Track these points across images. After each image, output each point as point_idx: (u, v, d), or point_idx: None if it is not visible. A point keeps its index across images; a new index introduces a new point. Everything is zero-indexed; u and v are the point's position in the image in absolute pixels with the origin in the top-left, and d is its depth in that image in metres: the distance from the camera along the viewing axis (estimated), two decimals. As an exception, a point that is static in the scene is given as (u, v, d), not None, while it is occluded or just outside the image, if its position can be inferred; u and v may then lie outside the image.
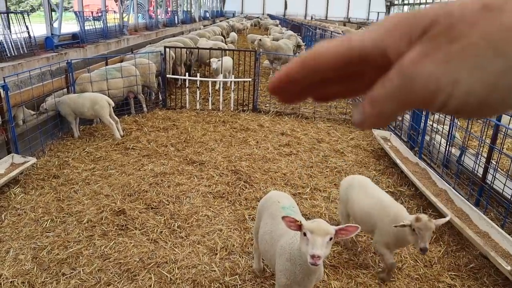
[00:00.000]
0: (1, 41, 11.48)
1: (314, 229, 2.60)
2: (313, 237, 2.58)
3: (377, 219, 3.85)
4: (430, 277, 4.05)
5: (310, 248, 2.58)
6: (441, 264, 4.23)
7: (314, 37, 20.80)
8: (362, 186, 4.21)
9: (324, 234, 2.59)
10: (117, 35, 19.33)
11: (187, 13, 34.62)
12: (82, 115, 7.19)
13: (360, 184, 4.26)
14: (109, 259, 4.10)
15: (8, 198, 5.22)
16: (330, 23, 36.47)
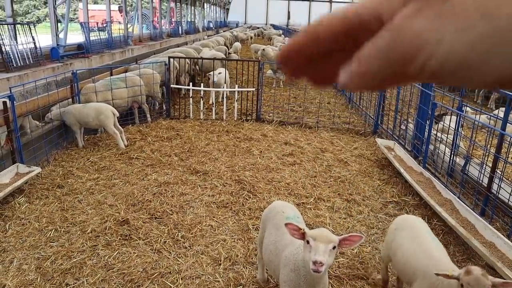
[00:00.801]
0: (7, 52, 11.58)
1: (317, 236, 2.59)
2: (316, 243, 2.58)
3: (419, 269, 3.20)
4: None
5: (312, 255, 2.57)
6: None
7: (317, 47, 20.88)
8: (411, 229, 3.56)
9: (327, 241, 2.58)
10: (122, 46, 19.47)
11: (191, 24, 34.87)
12: (87, 125, 7.23)
13: (410, 226, 3.61)
14: (113, 269, 4.09)
15: (12, 207, 5.23)
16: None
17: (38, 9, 62.37)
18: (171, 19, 30.99)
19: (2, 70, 11.26)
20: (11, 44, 11.83)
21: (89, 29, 16.68)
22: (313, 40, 0.39)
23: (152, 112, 9.45)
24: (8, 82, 10.36)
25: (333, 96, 12.30)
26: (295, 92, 11.93)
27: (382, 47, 0.35)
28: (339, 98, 12.00)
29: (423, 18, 0.33)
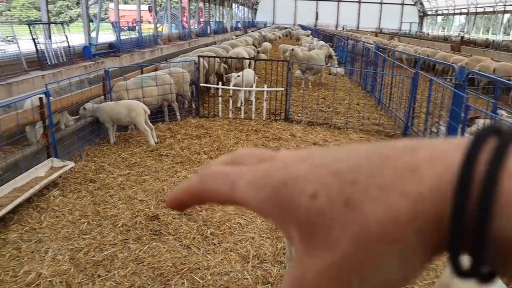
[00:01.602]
0: (42, 50, 11.94)
1: None
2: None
3: None
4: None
5: None
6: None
7: (346, 47, 20.71)
8: None
9: None
10: (151, 45, 19.79)
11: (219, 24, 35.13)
12: (119, 122, 7.37)
13: None
14: (143, 263, 4.15)
15: (47, 200, 5.38)
16: (361, 34, 36.23)
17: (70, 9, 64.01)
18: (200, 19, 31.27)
19: (37, 68, 11.62)
20: (46, 43, 12.19)
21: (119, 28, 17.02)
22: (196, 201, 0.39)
23: (182, 110, 9.55)
24: (42, 80, 10.69)
25: (362, 97, 12.17)
26: (324, 93, 11.86)
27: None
28: (369, 99, 11.86)
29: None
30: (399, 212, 0.28)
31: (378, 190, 0.28)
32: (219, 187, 0.36)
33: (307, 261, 0.30)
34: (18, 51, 10.84)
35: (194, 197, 0.38)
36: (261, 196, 0.33)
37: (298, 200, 0.31)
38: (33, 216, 4.99)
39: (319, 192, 0.30)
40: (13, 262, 4.14)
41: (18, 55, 10.81)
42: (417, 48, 23.02)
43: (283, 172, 0.33)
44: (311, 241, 0.30)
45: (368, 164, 0.30)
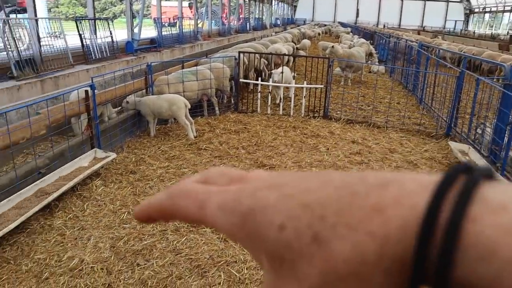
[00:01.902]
0: (88, 45, 12.32)
1: None
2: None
3: None
4: None
5: None
6: None
7: (387, 45, 20.27)
8: None
9: None
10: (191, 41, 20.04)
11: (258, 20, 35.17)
12: (160, 116, 7.51)
13: None
14: (181, 254, 4.21)
15: (90, 189, 5.55)
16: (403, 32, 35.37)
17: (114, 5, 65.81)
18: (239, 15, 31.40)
19: (83, 62, 11.99)
20: (91, 38, 12.55)
21: (161, 24, 17.32)
22: (166, 217, 0.39)
23: (221, 105, 9.62)
24: (87, 73, 11.02)
25: (403, 96, 11.87)
26: (364, 91, 11.65)
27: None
28: (410, 98, 11.56)
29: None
30: (366, 252, 0.27)
31: (346, 228, 0.28)
32: (188, 206, 0.36)
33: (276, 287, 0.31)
34: (65, 45, 11.23)
35: (162, 214, 0.38)
36: (230, 221, 0.33)
37: (266, 231, 0.31)
38: (76, 204, 5.16)
39: (287, 225, 0.30)
40: (58, 248, 4.30)
41: (65, 49, 11.19)
42: (462, 46, 22.23)
43: (252, 199, 0.33)
44: (280, 271, 0.30)
45: (337, 199, 0.30)
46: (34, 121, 5.26)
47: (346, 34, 30.39)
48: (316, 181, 0.32)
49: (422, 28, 56.19)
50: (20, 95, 8.74)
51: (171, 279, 3.85)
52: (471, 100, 8.09)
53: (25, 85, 9.04)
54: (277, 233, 0.30)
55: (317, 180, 0.32)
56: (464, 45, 24.20)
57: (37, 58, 10.03)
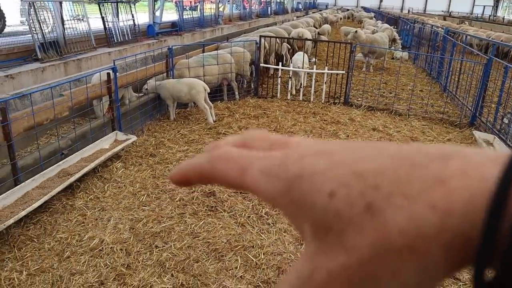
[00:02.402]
0: (110, 28, 12.40)
1: None
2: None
3: None
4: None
5: None
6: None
7: (411, 31, 19.82)
8: None
9: None
10: (212, 25, 19.96)
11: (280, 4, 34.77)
12: (180, 99, 7.53)
13: None
14: (198, 238, 4.25)
15: (110, 171, 5.63)
16: (428, 17, 34.51)
17: (137, -12, 65.81)
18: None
19: (105, 45, 12.09)
20: (113, 21, 12.62)
21: (182, 8, 17.28)
22: (203, 181, 0.37)
23: (240, 90, 9.60)
24: (109, 56, 11.12)
25: (426, 84, 11.63)
26: (386, 78, 11.45)
27: None
28: (433, 86, 11.31)
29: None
30: (425, 224, 0.26)
31: (403, 199, 0.27)
32: (228, 170, 0.35)
33: (319, 259, 0.29)
34: (88, 28, 11.32)
35: (201, 177, 0.37)
36: (273, 187, 0.32)
37: (314, 198, 0.29)
38: (97, 186, 5.25)
39: (337, 193, 0.28)
40: (79, 227, 4.39)
41: (88, 32, 11.28)
42: (490, 33, 21.58)
43: (299, 165, 0.31)
44: (326, 240, 0.29)
45: (393, 169, 0.28)
46: (57, 103, 5.33)
47: (369, 19, 29.81)
48: (369, 150, 0.30)
49: (449, 14, 54.69)
50: (44, 77, 8.89)
51: (189, 262, 3.89)
52: (498, 88, 7.87)
53: (49, 67, 9.18)
54: (326, 200, 0.28)
55: (370, 149, 0.31)
56: (492, 31, 23.48)
57: (60, 41, 10.15)
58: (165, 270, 3.80)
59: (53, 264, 3.84)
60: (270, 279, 3.70)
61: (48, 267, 3.79)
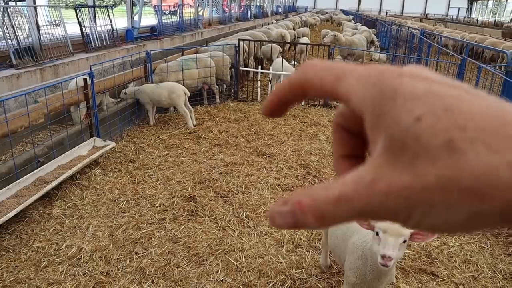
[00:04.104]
0: (87, 33, 12.24)
1: (387, 229, 2.47)
2: (385, 236, 2.46)
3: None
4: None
5: (381, 248, 2.46)
6: (524, 277, 3.91)
7: (389, 33, 20.10)
8: None
9: (397, 234, 2.46)
10: (192, 29, 19.89)
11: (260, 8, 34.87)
12: (159, 104, 7.48)
13: None
14: (179, 243, 4.22)
15: (89, 178, 5.55)
16: (406, 19, 35.06)
17: (115, -7, 65.25)
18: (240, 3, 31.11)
19: (82, 50, 11.92)
20: (90, 26, 12.46)
21: (161, 12, 17.17)
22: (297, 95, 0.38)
23: (221, 94, 9.59)
24: (87, 62, 10.96)
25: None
26: (364, 79, 11.57)
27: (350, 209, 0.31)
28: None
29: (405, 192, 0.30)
30: (498, 177, 0.27)
31: (484, 147, 0.27)
32: (322, 77, 0.35)
33: (385, 171, 0.30)
34: (65, 34, 11.15)
35: (298, 88, 0.37)
36: (368, 94, 0.32)
37: (402, 116, 0.30)
38: (75, 193, 5.17)
39: (425, 119, 0.29)
40: (57, 236, 4.31)
41: (65, 38, 11.11)
42: (465, 34, 22.04)
43: (397, 81, 0.31)
44: (397, 157, 0.30)
45: (483, 117, 0.28)
46: (32, 110, 5.24)
47: (348, 21, 30.13)
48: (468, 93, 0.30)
49: (425, 16, 55.68)
50: (20, 83, 8.71)
51: (169, 268, 3.86)
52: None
53: (25, 73, 9.00)
54: (412, 122, 0.29)
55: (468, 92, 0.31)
56: (466, 32, 23.98)
57: (36, 47, 9.96)
58: (145, 277, 3.75)
59: (29, 274, 3.75)
60: (251, 282, 3.69)
61: (24, 277, 3.71)
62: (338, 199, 0.31)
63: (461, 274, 3.91)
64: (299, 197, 0.32)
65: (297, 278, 3.79)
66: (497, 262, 4.09)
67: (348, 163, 0.39)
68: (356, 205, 0.30)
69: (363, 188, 0.30)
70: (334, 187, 0.31)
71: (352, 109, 0.34)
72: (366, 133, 0.33)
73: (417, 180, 0.28)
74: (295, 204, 0.32)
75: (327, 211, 0.31)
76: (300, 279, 3.78)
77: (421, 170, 0.28)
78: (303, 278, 3.79)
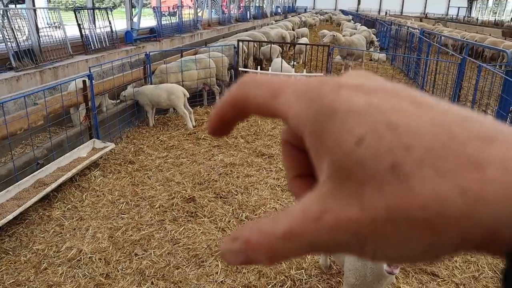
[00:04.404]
0: (87, 35, 12.24)
1: None
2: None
3: None
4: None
5: None
6: (525, 276, 3.90)
7: (388, 33, 20.10)
8: None
9: None
10: (191, 30, 19.89)
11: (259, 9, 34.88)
12: (159, 105, 7.48)
13: None
14: (179, 244, 4.22)
15: (88, 180, 5.55)
16: (405, 19, 35.06)
17: (114, -5, 65.34)
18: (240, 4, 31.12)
19: (82, 52, 11.93)
20: (90, 28, 12.47)
21: (161, 13, 17.18)
22: (238, 115, 0.35)
23: (220, 94, 9.57)
24: (86, 63, 10.97)
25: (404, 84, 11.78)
26: (364, 79, 11.57)
27: (300, 247, 0.29)
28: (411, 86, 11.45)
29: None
30: (450, 206, 0.24)
31: (432, 171, 0.25)
32: (260, 93, 0.32)
33: (331, 203, 0.27)
34: (64, 36, 11.15)
35: (235, 107, 0.34)
36: (304, 111, 0.29)
37: (341, 138, 0.27)
38: (75, 195, 5.17)
39: (367, 140, 0.26)
40: (56, 238, 4.31)
41: (64, 40, 11.12)
42: (465, 33, 22.03)
43: (335, 95, 0.28)
44: (343, 185, 0.27)
45: (430, 134, 0.25)
46: (31, 112, 5.24)
47: (347, 21, 30.14)
48: (412, 103, 0.27)
49: (425, 15, 55.68)
50: (19, 85, 8.71)
51: (169, 269, 3.86)
52: (473, 87, 8.03)
53: (24, 76, 9.00)
54: (353, 145, 0.26)
55: (413, 102, 0.28)
56: (466, 32, 23.98)
57: (36, 49, 9.97)
58: (145, 278, 3.75)
59: (29, 276, 3.75)
60: (251, 283, 3.69)
61: (24, 280, 3.71)
62: (287, 234, 0.28)
63: (461, 274, 3.90)
64: (248, 233, 0.29)
65: (297, 279, 3.78)
66: (497, 262, 4.08)
67: (303, 182, 0.35)
68: (306, 240, 0.28)
69: (310, 221, 0.27)
70: (282, 221, 0.28)
71: (291, 128, 0.31)
72: (309, 155, 0.30)
73: (365, 212, 0.26)
74: (244, 242, 0.29)
75: (277, 248, 0.28)
76: (300, 279, 3.78)
77: (368, 201, 0.26)
78: (303, 279, 3.79)
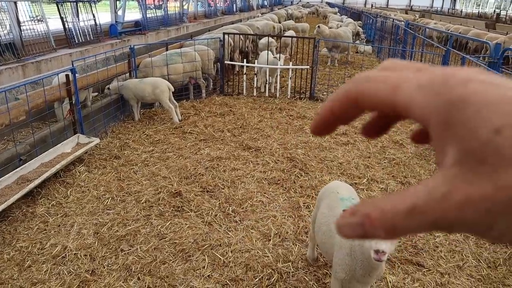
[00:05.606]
0: (70, 29, 12.04)
1: None
2: (378, 231, 2.45)
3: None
4: (494, 279, 3.80)
5: (373, 243, 2.45)
6: (507, 266, 3.96)
7: (374, 25, 20.16)
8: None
9: None
10: (177, 23, 19.71)
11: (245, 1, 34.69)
12: (143, 100, 7.40)
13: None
14: (165, 239, 4.19)
15: (73, 175, 5.48)
16: (391, 11, 35.20)
17: (98, -13, 64.27)
18: (226, -4, 30.92)
19: (65, 46, 11.75)
20: (73, 21, 12.27)
21: (146, 6, 16.98)
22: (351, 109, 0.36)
23: (206, 88, 9.53)
24: (70, 57, 10.80)
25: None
26: (351, 71, 11.60)
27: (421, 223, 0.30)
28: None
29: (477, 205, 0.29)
30: None
31: None
32: (377, 89, 0.33)
33: (460, 183, 0.28)
34: (47, 29, 10.95)
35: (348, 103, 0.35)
36: (430, 103, 0.30)
37: (477, 128, 0.28)
38: (59, 191, 5.10)
39: (504, 131, 0.27)
40: (40, 235, 4.25)
41: (47, 33, 10.92)
42: (449, 25, 22.19)
43: (464, 89, 0.29)
44: (474, 169, 0.28)
45: None
46: (12, 107, 5.14)
47: (334, 14, 30.16)
48: None
49: (410, 8, 55.95)
50: (1, 80, 8.55)
51: (155, 264, 3.83)
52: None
53: (6, 70, 8.83)
54: (490, 135, 0.27)
55: None
56: (451, 24, 24.16)
57: (17, 43, 9.78)
58: (131, 274, 3.72)
59: (13, 274, 3.70)
60: (238, 277, 3.68)
61: (7, 278, 3.65)
62: (410, 211, 0.29)
63: (446, 263, 3.94)
64: (367, 209, 0.31)
65: (284, 271, 3.79)
66: (481, 251, 4.14)
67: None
68: (430, 217, 0.29)
69: (437, 199, 0.29)
70: (404, 198, 0.30)
71: (414, 119, 0.33)
72: (433, 143, 0.32)
73: (501, 192, 0.27)
74: (363, 216, 0.31)
75: (398, 224, 0.30)
76: (287, 272, 3.79)
77: (505, 180, 0.27)
78: (290, 272, 3.79)
